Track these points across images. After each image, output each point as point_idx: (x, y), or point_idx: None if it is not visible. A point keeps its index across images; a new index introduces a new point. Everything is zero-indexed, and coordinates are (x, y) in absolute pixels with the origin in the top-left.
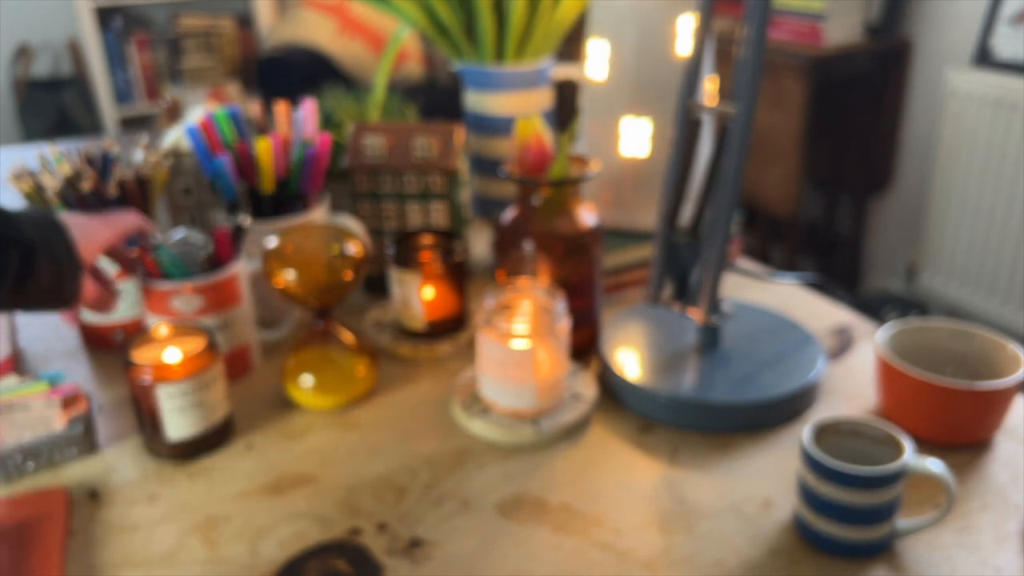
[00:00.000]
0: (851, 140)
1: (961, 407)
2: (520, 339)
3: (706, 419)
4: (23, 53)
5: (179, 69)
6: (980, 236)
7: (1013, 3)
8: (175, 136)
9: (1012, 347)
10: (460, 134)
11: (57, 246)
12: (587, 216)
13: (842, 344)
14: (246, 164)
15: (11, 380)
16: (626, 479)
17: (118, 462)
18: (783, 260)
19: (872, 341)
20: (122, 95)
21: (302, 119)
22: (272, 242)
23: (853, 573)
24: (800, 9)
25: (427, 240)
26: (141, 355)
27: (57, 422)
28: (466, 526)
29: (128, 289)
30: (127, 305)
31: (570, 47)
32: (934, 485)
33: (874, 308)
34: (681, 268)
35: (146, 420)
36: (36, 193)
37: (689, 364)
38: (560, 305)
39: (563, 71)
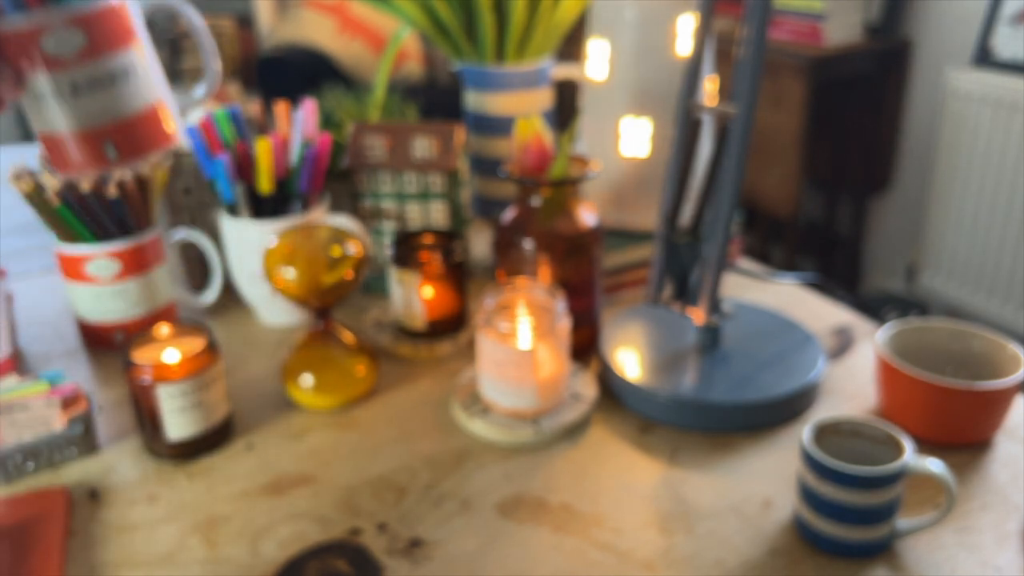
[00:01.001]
0: (851, 140)
1: (961, 407)
2: (520, 339)
3: (706, 419)
4: None
5: (179, 69)
6: (980, 236)
7: (1013, 3)
8: None
9: (1012, 347)
10: (460, 134)
11: None
12: (587, 216)
13: (842, 344)
14: (245, 164)
15: (11, 380)
16: (626, 479)
17: (118, 462)
18: (783, 260)
19: (872, 341)
20: None
21: (302, 119)
22: (272, 242)
23: (853, 573)
24: (800, 9)
25: (427, 240)
26: (141, 355)
27: (57, 422)
28: (466, 526)
29: (128, 288)
30: (127, 305)
31: (570, 47)
32: (934, 485)
33: (874, 308)
34: (681, 268)
35: (146, 420)
36: (36, 193)
37: (689, 364)
38: (560, 305)
39: (563, 71)
